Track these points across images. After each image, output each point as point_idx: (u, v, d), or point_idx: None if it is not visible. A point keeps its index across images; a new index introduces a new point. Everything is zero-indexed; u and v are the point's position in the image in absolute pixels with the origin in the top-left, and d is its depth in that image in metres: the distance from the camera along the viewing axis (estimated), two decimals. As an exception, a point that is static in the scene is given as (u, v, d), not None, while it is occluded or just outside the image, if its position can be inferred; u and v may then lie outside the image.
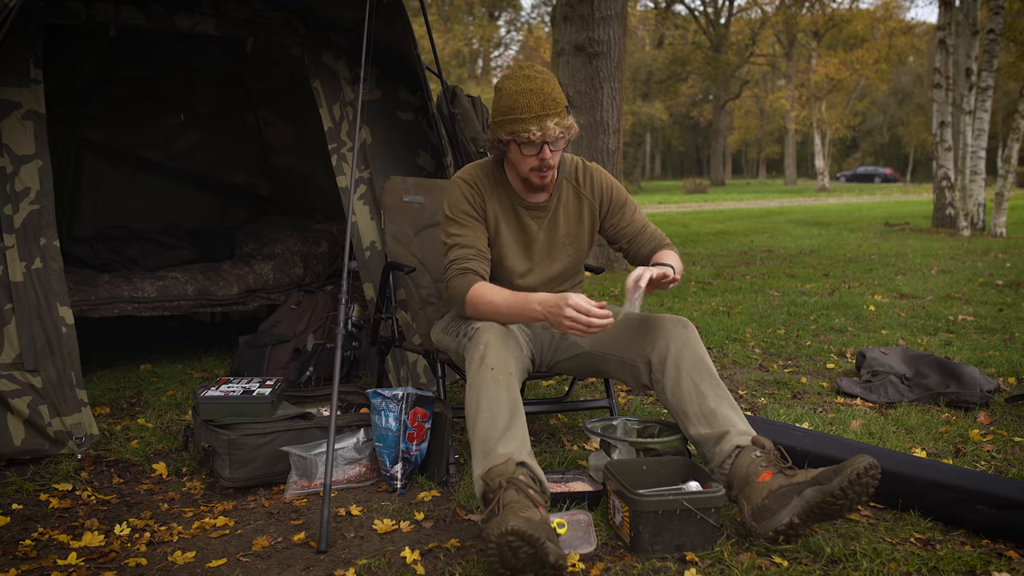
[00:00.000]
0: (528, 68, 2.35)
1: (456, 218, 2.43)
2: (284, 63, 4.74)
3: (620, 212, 2.56)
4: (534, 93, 2.27)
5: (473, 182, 2.45)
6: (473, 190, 2.45)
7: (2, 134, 2.89)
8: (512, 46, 43.66)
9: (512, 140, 2.32)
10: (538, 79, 2.30)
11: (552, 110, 2.28)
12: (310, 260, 4.65)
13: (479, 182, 2.46)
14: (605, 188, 2.55)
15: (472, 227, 2.42)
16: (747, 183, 45.21)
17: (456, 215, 2.43)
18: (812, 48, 34.49)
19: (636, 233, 2.56)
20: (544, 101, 2.27)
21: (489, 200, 2.46)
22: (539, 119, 2.26)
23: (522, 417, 2.14)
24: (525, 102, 2.27)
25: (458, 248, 2.40)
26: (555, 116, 2.28)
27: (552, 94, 2.29)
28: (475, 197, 2.44)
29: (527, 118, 2.27)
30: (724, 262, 8.63)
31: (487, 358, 2.18)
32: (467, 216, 2.42)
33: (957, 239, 10.80)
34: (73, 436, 2.82)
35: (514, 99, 2.29)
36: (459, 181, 2.46)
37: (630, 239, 2.57)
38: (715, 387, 2.26)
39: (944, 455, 2.69)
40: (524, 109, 2.27)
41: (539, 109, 2.27)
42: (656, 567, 1.96)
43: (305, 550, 2.11)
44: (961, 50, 12.59)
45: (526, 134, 2.27)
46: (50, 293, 2.88)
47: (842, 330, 4.82)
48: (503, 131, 2.32)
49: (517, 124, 2.28)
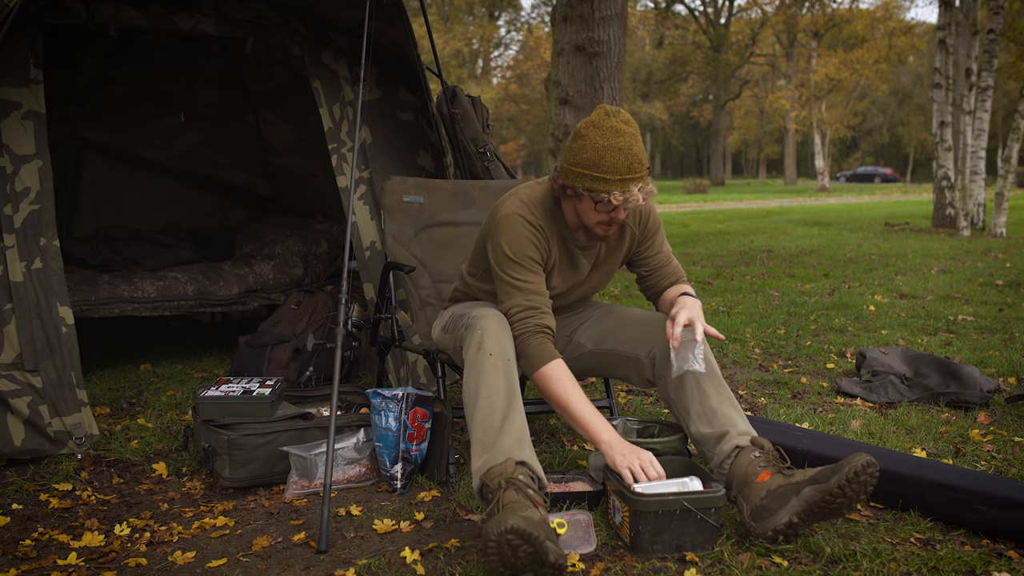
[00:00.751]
0: (615, 118, 2.18)
1: (520, 261, 2.27)
2: (284, 63, 4.74)
3: (651, 240, 2.49)
4: (622, 153, 2.14)
5: (538, 224, 2.30)
6: (539, 233, 2.30)
7: (2, 134, 2.89)
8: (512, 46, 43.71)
9: (588, 195, 2.20)
10: (626, 135, 2.16)
11: (637, 173, 2.15)
12: (310, 260, 4.65)
13: (542, 223, 2.31)
14: (643, 216, 2.47)
15: (537, 272, 2.30)
16: (747, 183, 45.21)
17: (520, 259, 2.27)
18: (812, 48, 34.48)
19: (661, 265, 2.50)
20: (631, 164, 2.14)
21: (552, 241, 2.35)
22: (624, 183, 2.14)
23: (520, 404, 2.14)
24: (612, 162, 2.14)
25: (524, 294, 2.26)
26: (639, 181, 2.16)
27: (640, 155, 2.16)
28: (540, 240, 2.30)
29: (611, 179, 2.14)
30: (724, 262, 8.63)
31: (485, 343, 2.17)
32: (532, 261, 2.28)
33: (957, 239, 10.80)
34: (73, 436, 2.82)
35: (600, 155, 2.14)
36: (522, 221, 2.29)
37: (653, 269, 2.50)
38: (717, 385, 2.26)
39: (944, 455, 2.69)
40: (610, 170, 2.14)
41: (625, 172, 2.14)
42: (656, 567, 1.96)
43: (305, 550, 2.11)
44: (961, 50, 12.59)
45: (607, 195, 2.15)
46: (50, 293, 2.88)
47: (842, 330, 4.82)
48: (581, 184, 2.18)
49: (599, 183, 2.15)
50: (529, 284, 2.27)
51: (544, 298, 2.28)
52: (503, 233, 2.29)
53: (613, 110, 2.21)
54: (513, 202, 2.33)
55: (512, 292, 2.27)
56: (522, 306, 2.25)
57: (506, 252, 2.28)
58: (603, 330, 2.50)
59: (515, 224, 2.29)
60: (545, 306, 2.27)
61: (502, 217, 2.31)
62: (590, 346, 2.51)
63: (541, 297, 2.28)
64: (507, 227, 2.29)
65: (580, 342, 2.53)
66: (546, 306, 2.28)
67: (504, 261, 2.29)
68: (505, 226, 2.29)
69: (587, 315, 2.60)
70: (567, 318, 2.60)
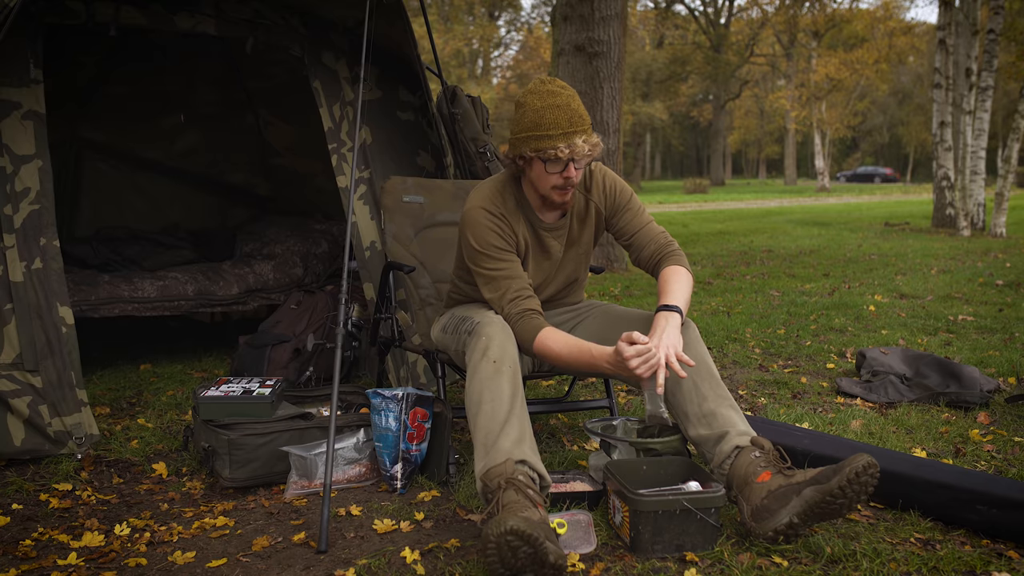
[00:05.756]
0: (551, 83, 2.28)
1: (487, 252, 2.34)
2: (284, 63, 4.74)
3: (624, 212, 2.52)
4: (561, 109, 2.22)
5: (499, 213, 2.36)
6: (501, 221, 2.36)
7: (2, 134, 2.89)
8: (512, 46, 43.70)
9: (537, 157, 2.26)
10: (563, 94, 2.24)
11: (579, 127, 2.23)
12: (310, 260, 4.65)
13: (503, 212, 2.37)
14: (609, 189, 2.51)
15: (508, 259, 2.35)
16: (747, 183, 45.21)
17: (486, 249, 2.34)
18: (812, 48, 34.47)
19: (636, 231, 2.52)
20: (572, 118, 2.22)
21: (516, 227, 2.39)
22: (567, 136, 2.21)
23: (524, 409, 2.15)
24: (552, 118, 2.21)
25: (503, 281, 2.32)
26: (583, 133, 2.23)
27: (579, 110, 2.24)
28: (504, 227, 2.36)
29: (554, 134, 2.21)
30: (724, 262, 8.63)
31: (490, 351, 2.18)
32: (498, 249, 2.34)
33: (957, 239, 10.80)
34: (73, 436, 2.82)
35: (540, 115, 2.22)
36: (483, 212, 2.35)
37: (633, 238, 2.52)
38: (715, 388, 2.26)
39: (944, 455, 2.69)
40: (551, 126, 2.21)
41: (567, 126, 2.21)
42: (656, 567, 1.96)
43: (305, 550, 2.11)
44: (961, 50, 12.59)
45: (553, 151, 2.21)
46: (50, 293, 2.88)
47: (842, 330, 4.82)
48: (527, 147, 2.25)
49: (544, 141, 2.22)
50: (503, 271, 2.33)
51: (521, 281, 2.33)
52: (468, 228, 2.37)
53: (548, 79, 2.32)
54: (475, 196, 2.42)
55: (490, 283, 2.34)
56: (503, 294, 2.32)
57: (473, 246, 2.36)
58: (601, 330, 2.50)
59: (477, 216, 2.36)
60: (525, 290, 2.32)
61: (465, 213, 2.41)
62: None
63: (518, 280, 2.33)
64: (470, 221, 2.37)
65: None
66: (526, 289, 2.32)
67: (474, 255, 2.36)
68: (468, 220, 2.38)
69: (584, 314, 2.60)
70: (563, 315, 2.60)
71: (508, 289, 2.31)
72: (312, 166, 5.17)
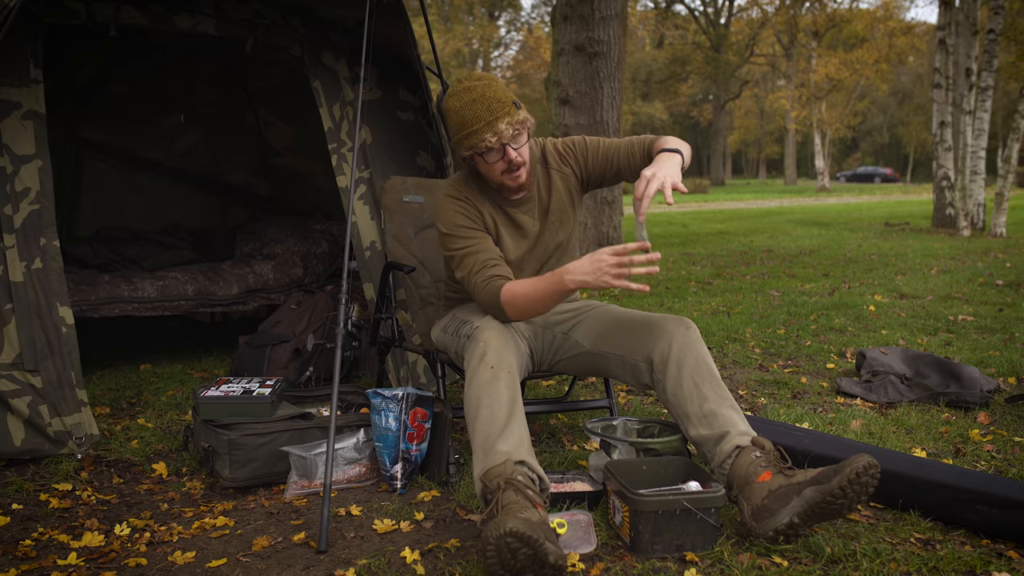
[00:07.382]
0: (466, 80, 2.34)
1: (454, 232, 2.40)
2: (284, 63, 4.74)
3: (590, 154, 2.53)
4: (478, 103, 2.27)
5: (463, 196, 2.44)
6: (465, 204, 2.43)
7: (2, 134, 2.89)
8: (512, 46, 43.69)
9: (474, 153, 2.33)
10: (478, 87, 2.30)
11: (500, 112, 2.27)
12: (310, 260, 4.65)
13: (468, 195, 2.45)
14: (563, 149, 2.55)
15: (476, 236, 2.40)
16: (747, 183, 45.21)
17: (453, 230, 2.41)
18: (812, 48, 34.46)
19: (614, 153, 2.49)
20: (490, 106, 2.27)
21: (482, 207, 2.45)
22: (490, 125, 2.27)
23: (522, 414, 2.15)
24: (472, 114, 2.28)
25: (470, 257, 2.37)
26: (504, 117, 2.27)
27: (496, 96, 2.28)
28: (468, 208, 2.43)
29: (479, 128, 2.27)
30: (724, 262, 8.63)
31: (487, 356, 2.18)
32: (464, 228, 2.40)
33: (957, 239, 10.80)
34: (73, 436, 2.82)
35: (461, 115, 2.29)
36: (447, 198, 2.45)
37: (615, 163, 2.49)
38: (716, 388, 2.26)
39: (944, 455, 2.69)
40: (473, 121, 2.27)
41: (487, 116, 2.27)
42: (656, 567, 1.96)
43: (305, 550, 2.11)
44: (961, 50, 12.58)
45: (483, 143, 2.28)
46: (50, 293, 2.88)
47: (842, 330, 4.82)
48: (462, 148, 2.34)
49: (472, 137, 2.29)
50: (470, 247, 2.39)
51: (488, 253, 2.38)
52: (437, 216, 2.46)
53: (465, 75, 2.38)
54: (443, 187, 2.53)
55: (460, 263, 2.40)
56: (470, 269, 2.35)
57: (442, 231, 2.44)
58: (601, 330, 2.50)
59: (443, 203, 2.45)
60: (491, 260, 2.36)
61: (435, 204, 2.51)
62: (587, 346, 2.50)
63: (485, 253, 2.38)
64: (438, 209, 2.46)
65: (577, 340, 2.52)
66: (492, 259, 2.36)
67: (445, 239, 2.44)
68: (437, 209, 2.47)
69: (584, 314, 2.59)
70: (563, 315, 2.59)
71: (475, 263, 2.36)
72: (312, 166, 5.17)
